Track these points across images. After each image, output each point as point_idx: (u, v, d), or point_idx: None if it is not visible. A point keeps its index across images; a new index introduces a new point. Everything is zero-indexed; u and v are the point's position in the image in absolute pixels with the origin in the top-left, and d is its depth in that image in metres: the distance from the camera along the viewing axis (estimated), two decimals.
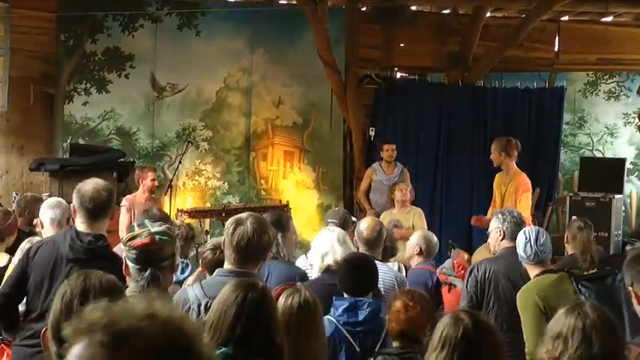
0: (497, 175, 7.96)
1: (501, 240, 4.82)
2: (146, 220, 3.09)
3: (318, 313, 2.86)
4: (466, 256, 6.93)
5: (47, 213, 4.46)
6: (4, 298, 3.69)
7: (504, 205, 7.65)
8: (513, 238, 4.75)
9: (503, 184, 7.78)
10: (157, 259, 2.89)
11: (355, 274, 3.73)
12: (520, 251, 4.36)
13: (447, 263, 5.59)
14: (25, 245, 4.33)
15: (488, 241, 5.06)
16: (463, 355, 2.35)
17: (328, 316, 3.51)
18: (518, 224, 4.78)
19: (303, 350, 2.58)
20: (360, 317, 3.53)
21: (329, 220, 5.33)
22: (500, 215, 4.87)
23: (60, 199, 4.64)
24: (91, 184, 3.65)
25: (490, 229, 4.93)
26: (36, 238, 4.49)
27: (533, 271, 4.35)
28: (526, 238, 4.34)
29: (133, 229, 3.00)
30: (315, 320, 2.82)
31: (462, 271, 5.45)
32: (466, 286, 4.77)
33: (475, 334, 2.37)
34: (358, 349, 3.49)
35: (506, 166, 7.71)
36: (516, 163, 7.76)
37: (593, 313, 2.49)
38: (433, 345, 2.41)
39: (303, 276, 4.43)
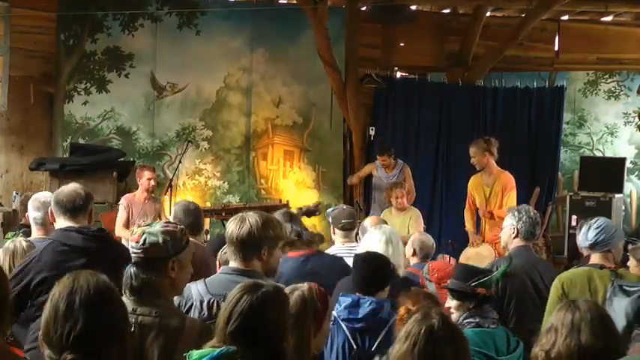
0: (473, 177, 7.91)
1: (514, 238, 4.73)
2: (157, 222, 3.03)
3: (304, 314, 2.85)
4: (452, 261, 6.82)
5: (32, 214, 4.42)
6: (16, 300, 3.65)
7: (490, 206, 7.66)
8: (526, 238, 4.71)
9: (486, 185, 7.73)
10: (140, 259, 2.87)
11: (366, 272, 3.75)
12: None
13: (426, 267, 5.46)
14: (8, 245, 4.30)
15: (500, 235, 5.00)
16: (423, 352, 2.35)
17: (333, 312, 3.53)
18: (533, 224, 4.70)
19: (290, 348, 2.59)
20: (360, 315, 3.53)
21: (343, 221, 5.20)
22: (516, 213, 4.76)
23: (45, 195, 4.51)
24: (67, 189, 3.71)
25: (504, 224, 4.84)
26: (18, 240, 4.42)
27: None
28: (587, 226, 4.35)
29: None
30: (305, 318, 2.82)
31: (436, 275, 5.29)
32: None
33: (439, 334, 2.36)
34: (355, 347, 3.49)
35: (488, 166, 7.69)
36: (496, 161, 7.76)
37: (584, 307, 2.59)
38: (399, 337, 2.43)
39: (344, 268, 4.45)
